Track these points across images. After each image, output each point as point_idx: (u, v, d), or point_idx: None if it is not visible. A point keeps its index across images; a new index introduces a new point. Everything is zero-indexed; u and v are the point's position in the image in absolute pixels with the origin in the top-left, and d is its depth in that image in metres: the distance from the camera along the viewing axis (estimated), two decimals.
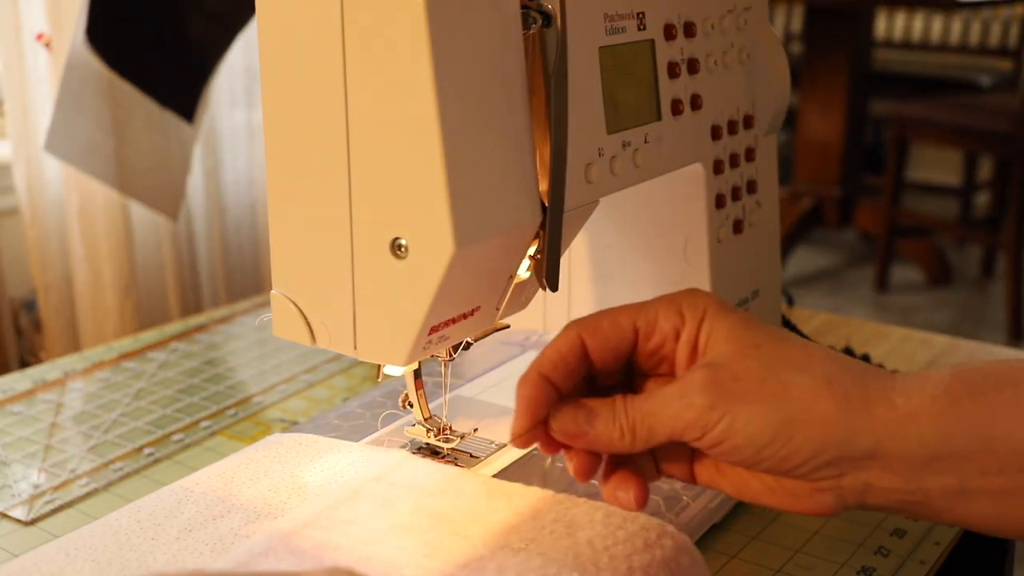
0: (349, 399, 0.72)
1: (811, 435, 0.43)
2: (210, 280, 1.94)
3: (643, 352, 0.48)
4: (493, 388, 0.69)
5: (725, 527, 0.60)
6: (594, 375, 0.49)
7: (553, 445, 0.48)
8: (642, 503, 0.47)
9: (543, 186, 0.49)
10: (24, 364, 1.83)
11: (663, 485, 0.59)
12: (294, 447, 0.58)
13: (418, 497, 0.52)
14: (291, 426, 0.71)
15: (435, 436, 0.58)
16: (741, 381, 0.44)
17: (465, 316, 0.50)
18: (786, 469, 0.44)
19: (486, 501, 0.51)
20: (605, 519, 0.49)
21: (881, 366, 0.78)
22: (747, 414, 0.43)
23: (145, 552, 0.49)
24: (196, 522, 0.51)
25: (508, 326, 0.56)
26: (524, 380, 0.48)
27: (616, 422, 0.46)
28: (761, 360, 0.45)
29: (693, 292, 0.48)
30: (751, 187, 0.68)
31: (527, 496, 0.51)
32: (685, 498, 0.58)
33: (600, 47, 0.53)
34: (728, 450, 0.44)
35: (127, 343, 0.87)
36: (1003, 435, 0.43)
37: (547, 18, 0.48)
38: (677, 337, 0.47)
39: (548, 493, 0.51)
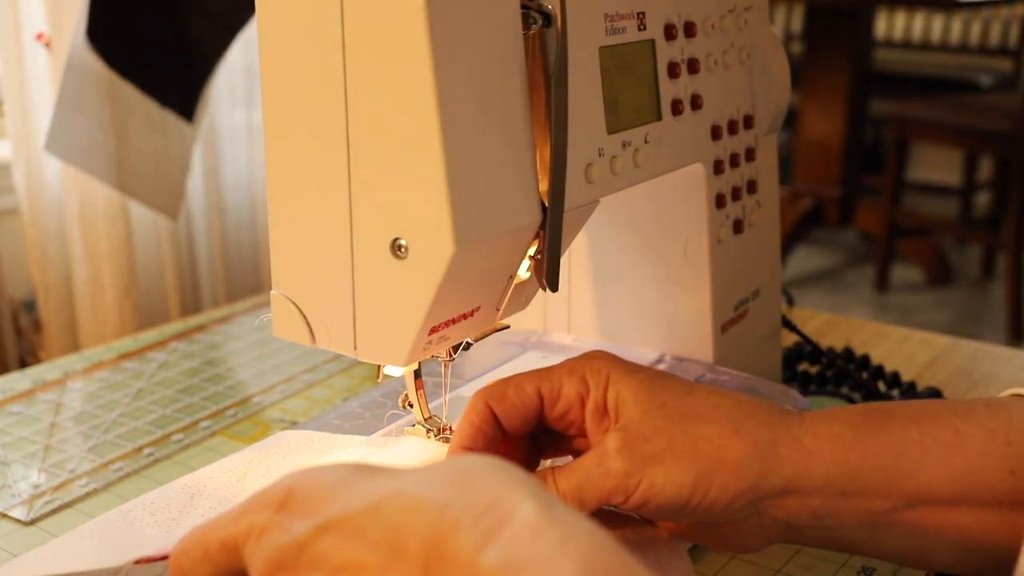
0: (349, 399, 0.72)
1: (726, 483, 0.45)
2: (210, 280, 1.94)
3: (551, 418, 0.50)
4: None
5: None
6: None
7: None
8: None
9: (543, 186, 0.49)
10: (24, 364, 1.83)
11: None
12: (305, 443, 0.58)
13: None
14: (291, 426, 0.71)
15: (435, 436, 0.58)
16: (652, 442, 0.46)
17: (465, 316, 0.50)
18: (710, 517, 0.46)
19: None
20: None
21: (880, 367, 0.79)
22: (663, 475, 0.45)
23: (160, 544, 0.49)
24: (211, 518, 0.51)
25: (508, 326, 0.56)
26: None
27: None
28: (668, 418, 0.46)
29: (594, 356, 0.50)
30: (751, 187, 0.68)
31: None
32: None
33: (600, 47, 0.53)
34: (654, 510, 0.46)
35: (127, 343, 0.87)
36: (907, 471, 0.45)
37: (547, 18, 0.48)
38: (583, 404, 0.49)
39: None
